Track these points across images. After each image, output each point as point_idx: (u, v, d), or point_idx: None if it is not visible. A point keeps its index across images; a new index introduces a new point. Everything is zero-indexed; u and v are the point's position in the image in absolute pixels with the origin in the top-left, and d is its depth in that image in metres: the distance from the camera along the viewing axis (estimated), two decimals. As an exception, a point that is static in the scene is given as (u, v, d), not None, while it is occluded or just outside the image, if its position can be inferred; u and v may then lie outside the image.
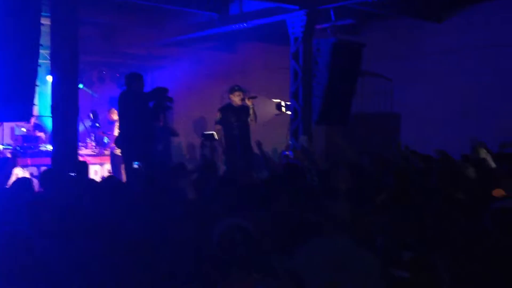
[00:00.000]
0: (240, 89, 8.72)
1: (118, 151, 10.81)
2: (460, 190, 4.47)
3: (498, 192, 4.41)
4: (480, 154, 5.59)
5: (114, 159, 10.80)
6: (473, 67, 10.23)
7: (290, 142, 9.44)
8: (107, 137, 11.49)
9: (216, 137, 8.44)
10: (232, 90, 8.74)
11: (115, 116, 11.26)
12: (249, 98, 8.69)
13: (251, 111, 8.70)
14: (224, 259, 2.80)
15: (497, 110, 9.87)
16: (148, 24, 11.67)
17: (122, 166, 10.82)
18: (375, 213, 4.20)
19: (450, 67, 10.53)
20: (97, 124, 12.06)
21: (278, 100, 10.38)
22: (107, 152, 11.11)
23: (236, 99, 8.63)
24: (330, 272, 3.11)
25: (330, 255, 3.23)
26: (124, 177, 7.50)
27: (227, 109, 8.70)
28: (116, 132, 10.99)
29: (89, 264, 3.14)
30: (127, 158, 7.28)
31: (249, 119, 8.72)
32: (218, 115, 8.66)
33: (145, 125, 7.39)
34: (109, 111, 11.84)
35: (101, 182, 5.34)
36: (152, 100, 7.68)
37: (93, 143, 11.53)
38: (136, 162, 6.12)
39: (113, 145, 10.80)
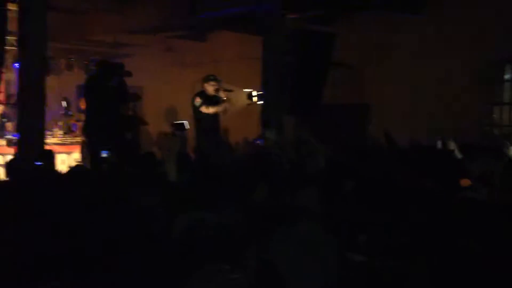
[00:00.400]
0: (215, 79, 8.72)
1: None
2: (429, 178, 4.56)
3: (465, 182, 4.52)
4: (449, 146, 5.72)
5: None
6: (445, 61, 10.37)
7: (261, 132, 9.45)
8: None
9: (187, 126, 8.40)
10: (206, 79, 8.73)
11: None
12: (224, 90, 8.69)
13: (222, 104, 8.69)
14: (187, 255, 2.72)
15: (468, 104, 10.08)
16: (117, 10, 11.49)
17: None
18: (342, 200, 4.24)
19: (422, 60, 10.66)
20: (71, 112, 11.91)
21: (250, 90, 10.37)
22: (75, 140, 10.97)
23: (210, 88, 8.64)
24: (298, 259, 3.15)
25: (298, 242, 3.28)
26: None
27: (202, 96, 8.67)
28: None
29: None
30: (94, 146, 7.17)
31: (219, 110, 8.70)
32: (198, 100, 8.58)
33: (111, 111, 7.29)
34: (81, 99, 11.67)
35: (68, 171, 5.25)
36: (111, 78, 7.53)
37: (60, 132, 11.36)
38: (105, 151, 6.03)
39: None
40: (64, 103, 11.77)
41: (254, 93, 10.38)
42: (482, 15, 9.83)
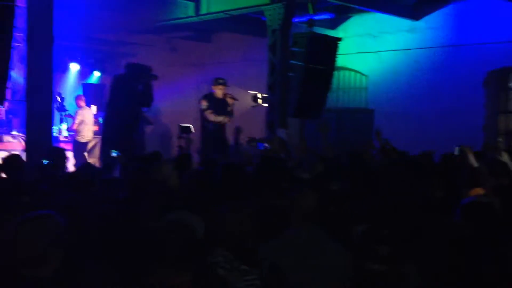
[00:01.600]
0: (224, 83, 8.75)
1: (81, 138, 10.80)
2: (440, 188, 4.55)
3: (476, 192, 4.48)
4: (464, 153, 5.66)
5: (76, 147, 10.76)
6: (447, 65, 10.42)
7: (266, 135, 9.46)
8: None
9: (192, 130, 8.43)
10: (216, 82, 8.75)
11: (82, 103, 11.23)
12: (231, 97, 8.72)
13: (229, 108, 8.74)
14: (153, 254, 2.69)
15: (468, 108, 10.11)
16: (122, 10, 11.50)
17: (86, 154, 10.83)
18: (349, 204, 4.24)
19: (425, 64, 10.70)
20: (66, 109, 11.98)
21: (255, 92, 10.38)
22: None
23: (219, 92, 8.66)
24: (300, 261, 3.17)
25: (299, 244, 3.29)
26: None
27: (210, 98, 8.65)
28: (78, 118, 10.94)
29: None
30: (106, 144, 7.18)
31: (225, 121, 8.74)
32: (204, 103, 8.59)
33: (133, 112, 7.32)
34: (77, 97, 11.70)
35: (77, 170, 5.25)
36: (139, 80, 7.54)
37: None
38: (115, 151, 6.03)
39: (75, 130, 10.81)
40: (58, 98, 11.80)
41: (259, 95, 10.40)
42: None
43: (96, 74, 14.20)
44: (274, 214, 3.79)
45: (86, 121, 11.11)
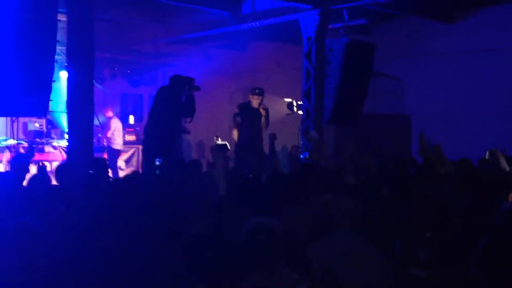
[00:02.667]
0: (261, 93, 8.79)
1: (116, 146, 11.06)
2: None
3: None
4: (495, 157, 5.58)
5: (111, 154, 10.99)
6: (484, 69, 10.24)
7: (301, 142, 9.45)
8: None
9: (228, 147, 8.51)
10: (253, 92, 8.79)
11: (110, 113, 11.51)
12: (263, 108, 8.76)
13: (263, 119, 8.76)
14: (249, 257, 2.81)
15: (505, 113, 9.91)
16: (158, 21, 11.71)
17: (123, 163, 11.04)
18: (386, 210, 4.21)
19: (461, 68, 10.54)
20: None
21: (290, 100, 10.40)
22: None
23: (254, 101, 8.71)
24: (343, 268, 3.15)
25: (342, 251, 3.28)
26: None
27: (245, 107, 8.75)
28: (112, 127, 11.18)
29: (99, 258, 3.15)
30: (150, 153, 7.30)
31: (261, 124, 8.79)
32: (236, 110, 8.72)
33: (175, 123, 7.46)
34: (105, 108, 11.95)
35: (125, 178, 5.35)
36: (183, 91, 7.66)
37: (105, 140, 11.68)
38: (158, 159, 6.13)
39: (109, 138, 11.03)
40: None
41: (295, 103, 10.42)
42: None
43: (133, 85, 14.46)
44: (319, 221, 3.79)
45: (118, 129, 11.40)
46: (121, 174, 10.38)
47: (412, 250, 3.59)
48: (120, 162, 11.60)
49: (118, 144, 11.35)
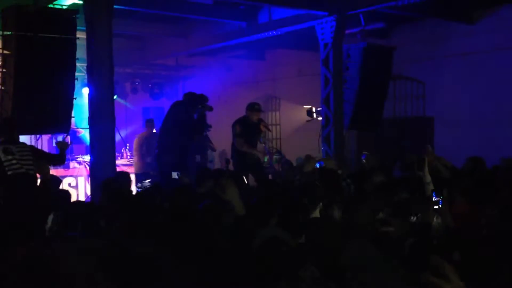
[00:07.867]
0: (260, 109, 8.41)
1: None
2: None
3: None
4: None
5: None
6: (506, 68, 10.09)
7: (322, 148, 9.42)
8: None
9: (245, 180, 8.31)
10: (252, 108, 8.31)
11: None
12: (264, 126, 8.36)
13: (262, 135, 8.44)
14: (262, 270, 2.81)
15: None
16: (176, 34, 11.86)
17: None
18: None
19: (483, 68, 10.40)
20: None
21: (309, 106, 10.40)
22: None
23: (254, 117, 8.26)
24: (355, 273, 3.14)
25: (354, 256, 3.27)
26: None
27: (243, 123, 8.30)
28: (137, 141, 11.26)
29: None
30: (166, 168, 7.37)
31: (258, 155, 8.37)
32: (238, 128, 8.24)
33: (187, 138, 7.50)
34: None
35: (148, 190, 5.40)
36: (196, 108, 7.69)
37: (129, 153, 11.79)
38: (176, 172, 6.19)
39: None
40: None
41: (314, 109, 10.41)
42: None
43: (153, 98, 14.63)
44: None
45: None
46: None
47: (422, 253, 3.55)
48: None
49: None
